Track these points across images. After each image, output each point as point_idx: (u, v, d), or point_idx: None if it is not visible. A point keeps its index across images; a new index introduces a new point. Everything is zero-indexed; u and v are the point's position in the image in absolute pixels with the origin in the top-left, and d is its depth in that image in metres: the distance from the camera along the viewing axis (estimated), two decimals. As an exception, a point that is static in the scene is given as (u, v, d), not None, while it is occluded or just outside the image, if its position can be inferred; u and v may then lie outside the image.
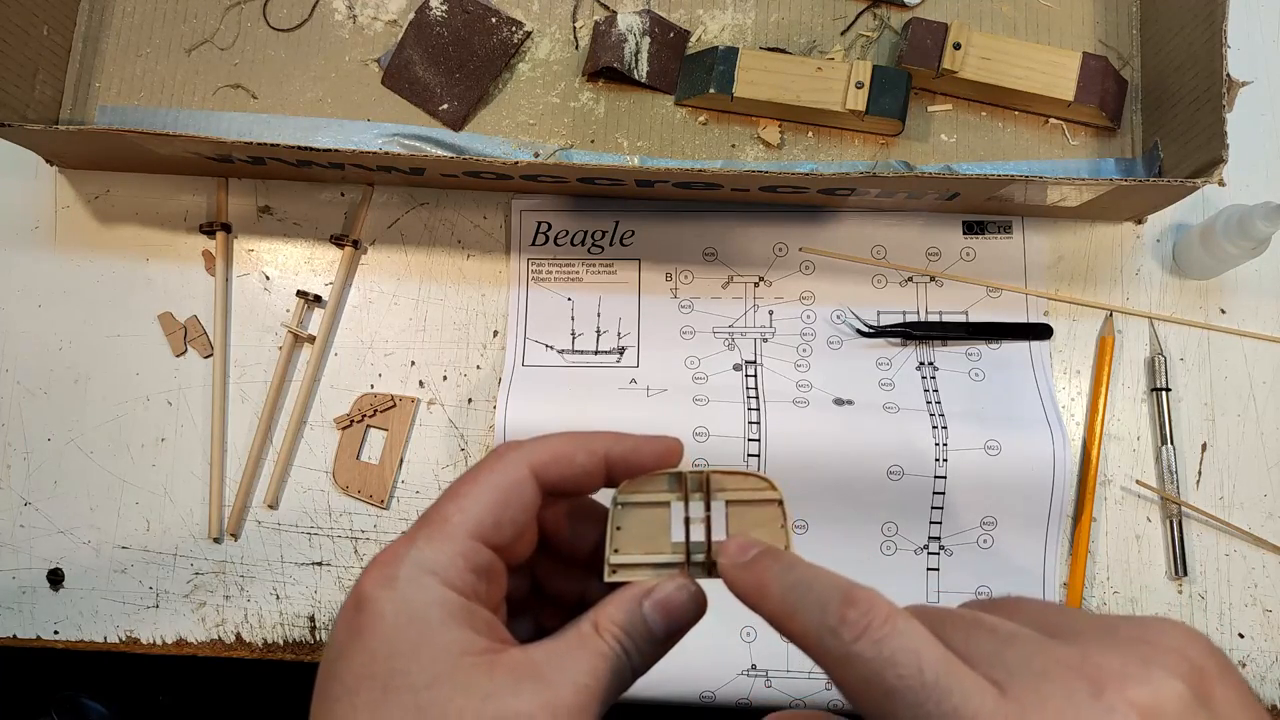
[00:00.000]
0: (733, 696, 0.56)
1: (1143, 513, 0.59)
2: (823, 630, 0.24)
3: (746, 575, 0.28)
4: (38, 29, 0.60)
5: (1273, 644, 0.57)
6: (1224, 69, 0.52)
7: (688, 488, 0.30)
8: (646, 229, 0.62)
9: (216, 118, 0.63)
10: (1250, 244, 0.55)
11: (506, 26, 0.62)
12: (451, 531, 0.28)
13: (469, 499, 0.29)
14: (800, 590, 0.26)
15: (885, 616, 0.24)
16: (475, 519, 0.29)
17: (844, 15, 0.63)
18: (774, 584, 0.27)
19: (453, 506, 0.29)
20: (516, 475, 0.30)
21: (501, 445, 0.31)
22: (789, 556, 0.28)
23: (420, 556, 0.28)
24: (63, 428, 0.61)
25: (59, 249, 0.63)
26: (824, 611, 0.24)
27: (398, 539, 0.29)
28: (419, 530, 0.28)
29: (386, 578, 0.27)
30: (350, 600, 0.28)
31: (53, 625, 0.59)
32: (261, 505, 0.60)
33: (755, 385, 0.59)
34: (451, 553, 0.28)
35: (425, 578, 0.27)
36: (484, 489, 0.29)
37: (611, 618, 0.28)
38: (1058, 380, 0.60)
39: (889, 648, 0.23)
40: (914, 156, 0.61)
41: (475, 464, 0.30)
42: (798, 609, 0.26)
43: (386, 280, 0.62)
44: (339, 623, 0.28)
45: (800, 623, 0.25)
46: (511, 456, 0.30)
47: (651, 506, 0.30)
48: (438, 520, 0.29)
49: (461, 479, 0.30)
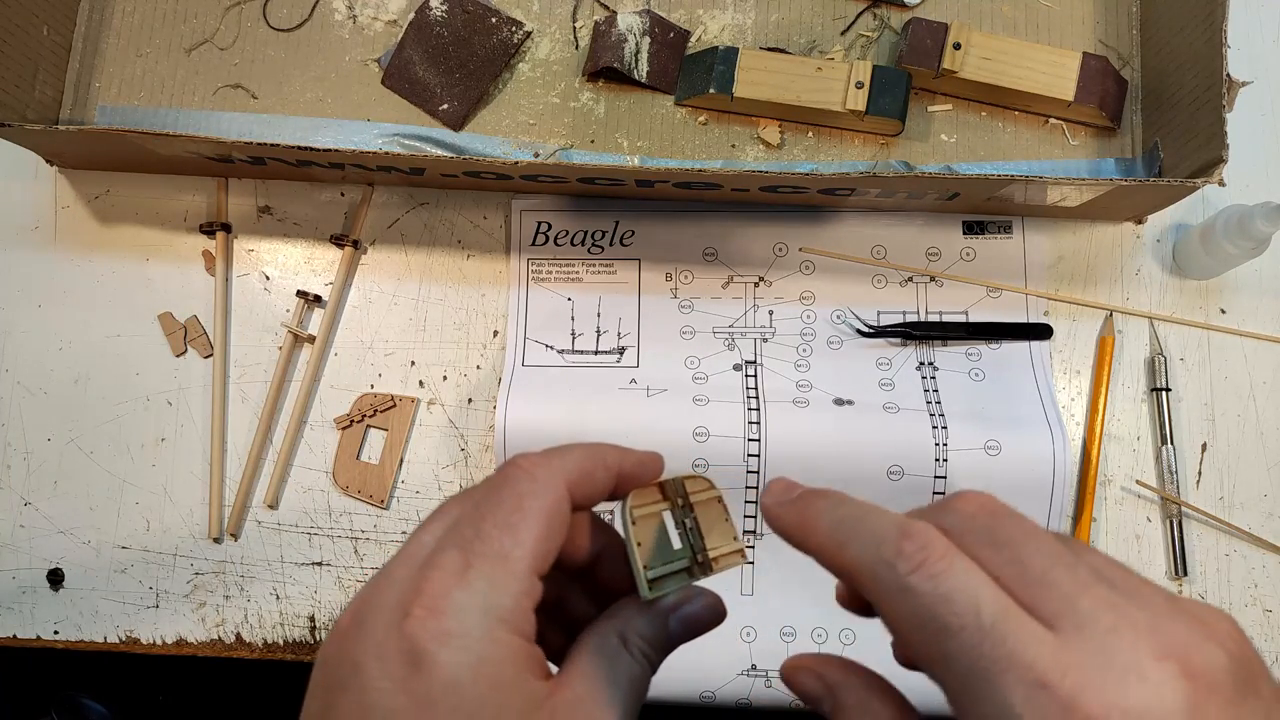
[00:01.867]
0: (733, 696, 0.56)
1: (1143, 513, 0.59)
2: (878, 563, 0.24)
3: (791, 511, 0.27)
4: (38, 29, 0.60)
5: (1273, 644, 0.57)
6: (1224, 69, 0.52)
7: (673, 494, 0.31)
8: (646, 229, 0.62)
9: (216, 118, 0.63)
10: (1250, 244, 0.55)
11: (506, 26, 0.62)
12: (514, 569, 0.26)
13: (524, 530, 0.26)
14: (851, 524, 0.26)
15: (943, 552, 0.23)
16: (532, 553, 0.26)
17: (844, 15, 0.63)
18: (822, 518, 0.26)
19: (508, 539, 0.26)
20: (559, 496, 0.28)
21: (521, 459, 0.28)
22: (835, 494, 0.27)
23: (486, 603, 0.25)
24: (63, 428, 0.61)
25: (59, 249, 0.63)
26: (879, 544, 0.24)
27: (433, 573, 0.25)
28: (474, 568, 0.25)
29: (449, 632, 0.24)
30: (395, 657, 0.24)
31: (53, 625, 0.59)
32: (261, 505, 0.60)
33: (755, 385, 0.59)
34: (516, 593, 0.25)
35: (496, 629, 0.25)
36: (534, 517, 0.27)
37: (641, 633, 0.28)
38: (1058, 380, 0.60)
39: (946, 585, 0.23)
40: (914, 156, 0.61)
41: (501, 482, 0.28)
42: (850, 541, 0.25)
43: (386, 280, 0.62)
44: (378, 685, 0.24)
45: (853, 555, 0.25)
46: (546, 477, 0.28)
47: (650, 518, 0.30)
48: (494, 556, 0.26)
49: (499, 503, 0.27)
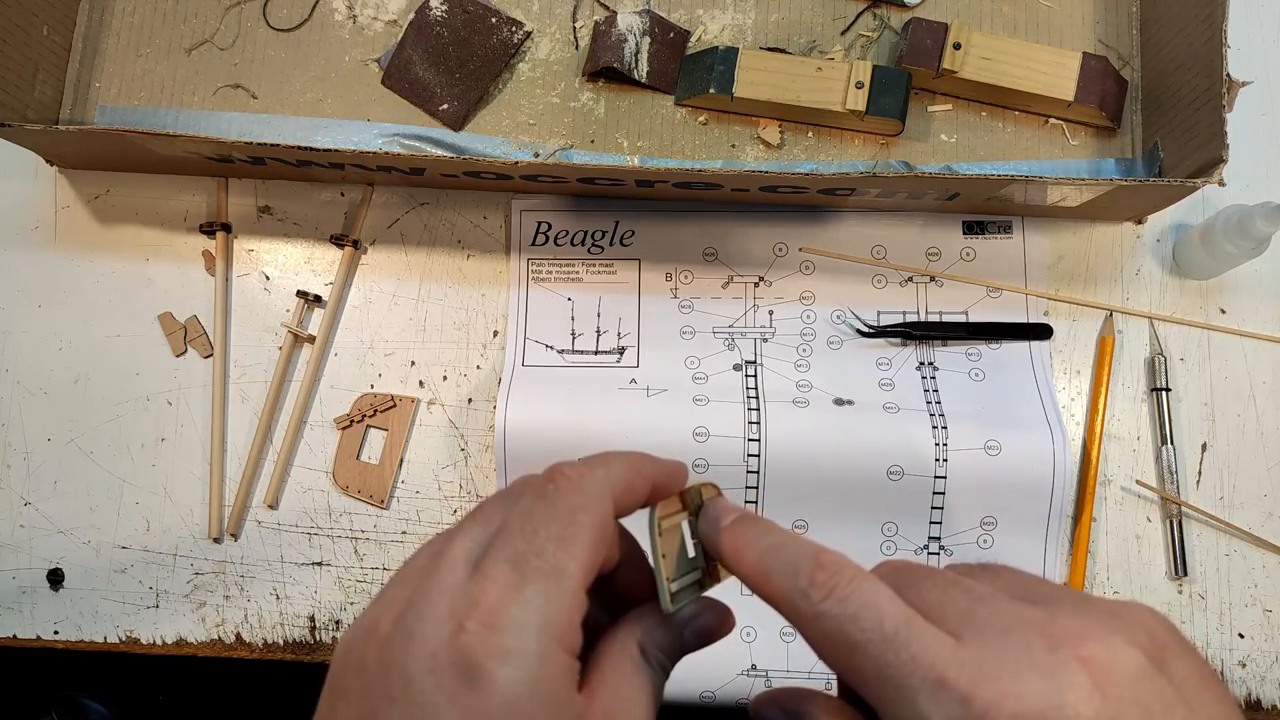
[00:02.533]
0: (733, 696, 0.56)
1: (1143, 513, 0.59)
2: (794, 592, 0.26)
3: (726, 539, 0.29)
4: (38, 29, 0.60)
5: (1273, 644, 0.57)
6: (1224, 69, 0.52)
7: (693, 504, 0.31)
8: (646, 229, 0.62)
9: (216, 118, 0.63)
10: (1250, 244, 0.55)
11: (506, 26, 0.62)
12: (568, 586, 0.25)
13: (577, 546, 0.26)
14: (774, 554, 0.27)
15: (850, 577, 0.25)
16: (585, 568, 0.26)
17: (844, 15, 0.63)
18: (751, 548, 0.28)
19: (564, 555, 0.26)
20: (607, 511, 0.28)
21: (568, 468, 0.28)
22: (764, 523, 0.29)
23: (543, 620, 0.25)
24: (63, 428, 0.61)
25: (59, 249, 0.63)
26: (796, 574, 0.26)
27: (486, 584, 0.25)
28: (530, 583, 0.25)
29: (508, 650, 0.24)
30: (451, 672, 0.24)
31: (53, 625, 0.59)
32: (261, 505, 0.60)
33: (755, 385, 0.59)
34: (570, 609, 0.25)
35: (553, 647, 0.25)
36: (586, 532, 0.26)
37: (659, 644, 0.29)
38: (1058, 380, 0.60)
39: (853, 605, 0.25)
40: (914, 156, 0.61)
41: (548, 492, 0.27)
42: (772, 572, 0.27)
43: (386, 280, 0.62)
44: (432, 699, 0.24)
45: (775, 584, 0.27)
46: (595, 490, 0.28)
47: (674, 529, 0.31)
48: (550, 572, 0.25)
49: (550, 515, 0.27)
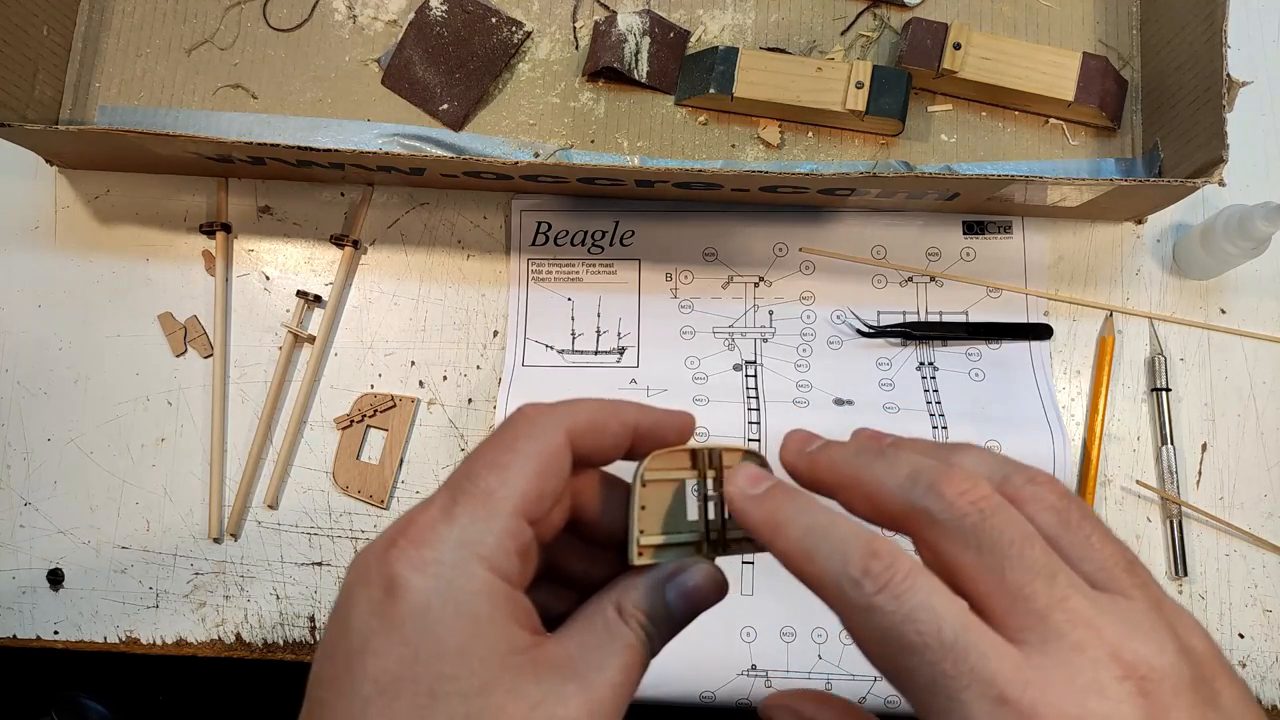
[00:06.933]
0: (733, 697, 0.56)
1: (1143, 513, 0.59)
2: (843, 579, 0.24)
3: (759, 509, 0.27)
4: (38, 29, 0.60)
5: (1273, 644, 0.57)
6: (1224, 69, 0.52)
7: (703, 464, 0.30)
8: (646, 229, 0.62)
9: (216, 118, 0.63)
10: (1250, 244, 0.55)
11: (506, 26, 0.62)
12: (497, 507, 0.25)
13: (512, 470, 0.26)
14: (820, 534, 0.25)
15: (907, 572, 0.23)
16: (520, 492, 0.26)
17: (844, 15, 0.63)
18: (793, 523, 0.26)
19: (495, 478, 0.26)
20: (556, 442, 0.27)
21: (528, 407, 0.28)
22: (805, 496, 0.27)
23: (465, 536, 0.25)
24: (63, 428, 0.61)
25: (59, 249, 0.63)
26: (845, 561, 0.24)
27: (425, 510, 0.25)
28: (458, 504, 0.25)
29: (425, 560, 0.24)
30: (376, 582, 0.24)
31: (53, 625, 0.59)
32: (261, 505, 0.60)
33: (755, 385, 0.59)
34: (499, 532, 0.25)
35: (472, 563, 0.24)
36: (525, 458, 0.26)
37: (636, 604, 0.27)
38: (1058, 380, 0.60)
39: (909, 603, 0.23)
40: (914, 156, 0.61)
41: (502, 427, 0.27)
42: (817, 554, 0.25)
43: (386, 280, 0.62)
44: (358, 608, 0.24)
45: (820, 568, 0.25)
46: (546, 421, 0.27)
47: (667, 484, 0.29)
48: (479, 494, 0.25)
49: (494, 445, 0.27)
